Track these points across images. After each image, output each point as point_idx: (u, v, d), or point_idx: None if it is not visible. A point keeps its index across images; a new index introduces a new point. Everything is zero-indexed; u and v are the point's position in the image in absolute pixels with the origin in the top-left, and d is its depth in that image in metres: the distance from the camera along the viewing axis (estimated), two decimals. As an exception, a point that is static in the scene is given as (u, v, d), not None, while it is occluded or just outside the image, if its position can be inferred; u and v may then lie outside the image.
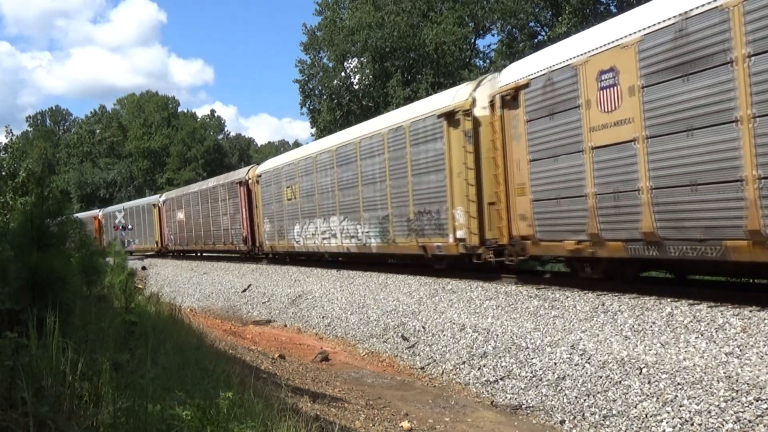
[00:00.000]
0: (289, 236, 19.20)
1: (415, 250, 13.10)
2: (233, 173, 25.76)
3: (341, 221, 15.92)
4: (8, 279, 3.85)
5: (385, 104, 30.37)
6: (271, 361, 8.83)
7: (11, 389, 2.87)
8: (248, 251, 23.02)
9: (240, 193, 22.84)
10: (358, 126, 16.97)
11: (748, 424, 5.22)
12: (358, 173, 15.06)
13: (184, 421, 3.15)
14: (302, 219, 18.15)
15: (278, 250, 20.48)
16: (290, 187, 18.93)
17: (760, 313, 6.61)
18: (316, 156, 17.31)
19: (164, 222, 32.37)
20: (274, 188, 20.28)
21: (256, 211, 21.90)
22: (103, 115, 77.66)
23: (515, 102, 10.18)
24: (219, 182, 25.66)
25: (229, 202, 23.95)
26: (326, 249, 17.11)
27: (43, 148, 71.79)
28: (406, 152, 13.11)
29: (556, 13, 27.25)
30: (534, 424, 6.79)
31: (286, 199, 19.19)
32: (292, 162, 19.05)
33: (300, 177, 18.28)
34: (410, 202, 13.01)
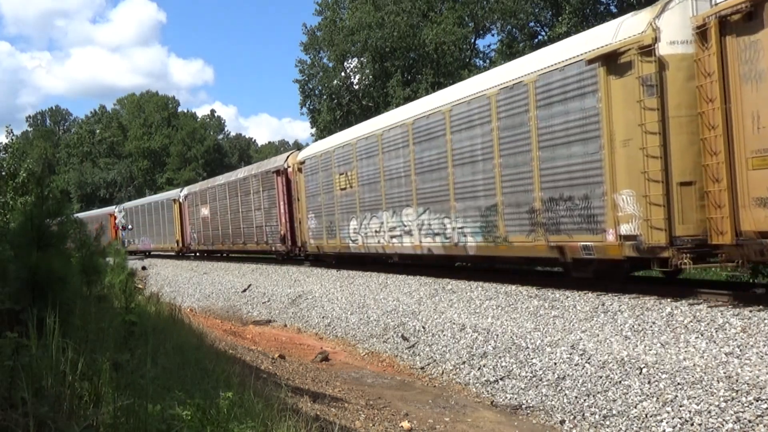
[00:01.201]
0: (342, 234, 15.96)
1: (543, 252, 9.74)
2: (268, 161, 22.59)
3: (419, 214, 12.66)
4: (8, 279, 3.85)
5: (385, 104, 30.36)
6: (271, 361, 8.83)
7: (11, 389, 2.87)
8: (287, 252, 19.86)
9: (277, 183, 19.77)
10: (445, 90, 13.36)
11: (748, 424, 5.22)
12: (446, 151, 11.66)
13: (184, 421, 3.15)
14: (361, 213, 14.94)
15: (327, 250, 17.13)
16: (344, 174, 15.65)
17: (760, 313, 6.61)
18: (381, 133, 13.95)
19: (186, 219, 29.24)
20: (321, 176, 17.04)
21: (297, 204, 18.74)
22: (103, 115, 77.67)
23: (754, 21, 6.77)
24: (251, 172, 22.40)
25: (263, 195, 20.83)
26: (396, 249, 13.75)
27: (43, 148, 71.78)
28: (528, 117, 9.67)
29: (556, 13, 27.23)
30: (534, 424, 6.79)
31: (339, 188, 16.01)
32: (348, 143, 15.64)
33: (359, 161, 14.98)
34: (535, 185, 9.61)
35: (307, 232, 18.16)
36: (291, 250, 19.52)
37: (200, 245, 27.91)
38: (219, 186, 25.44)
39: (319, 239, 17.41)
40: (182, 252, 30.20)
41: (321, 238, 17.24)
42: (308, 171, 17.99)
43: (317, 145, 18.58)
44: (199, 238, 27.86)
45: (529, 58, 10.61)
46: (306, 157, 18.28)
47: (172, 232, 30.76)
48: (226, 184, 24.62)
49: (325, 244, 17.01)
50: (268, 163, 21.73)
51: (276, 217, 20.01)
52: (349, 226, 15.69)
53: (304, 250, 18.67)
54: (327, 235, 16.88)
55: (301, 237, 18.69)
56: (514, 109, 10.04)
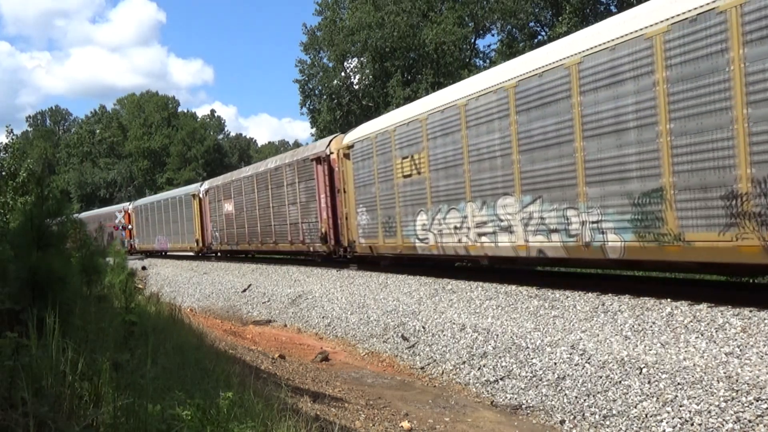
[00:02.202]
0: (405, 231, 13.14)
1: (752, 257, 6.77)
2: (304, 148, 19.67)
3: (524, 205, 9.86)
4: (8, 279, 3.85)
5: (385, 104, 30.39)
6: (271, 361, 8.83)
7: (11, 389, 2.87)
8: (329, 253, 17.02)
9: (317, 173, 17.03)
10: (566, 39, 9.81)
11: (748, 424, 5.22)
12: (572, 119, 8.74)
13: (184, 421, 3.16)
14: (433, 205, 12.10)
15: (383, 251, 14.27)
16: (409, 158, 12.80)
17: (760, 313, 6.61)
18: (465, 103, 11.05)
19: (207, 216, 26.45)
20: (377, 162, 14.14)
21: (342, 197, 15.86)
22: (103, 115, 77.73)
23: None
24: (284, 161, 19.60)
25: (300, 187, 18.19)
26: (486, 251, 10.87)
27: (43, 148, 71.82)
28: (728, 58, 6.77)
29: (556, 13, 27.26)
30: (534, 424, 6.79)
31: (401, 175, 13.18)
32: (414, 119, 12.70)
33: (430, 140, 12.08)
34: (740, 158, 6.72)
35: (355, 229, 15.21)
36: (334, 250, 16.65)
37: (223, 245, 25.07)
38: (245, 178, 22.45)
39: (371, 238, 14.53)
40: (202, 252, 27.55)
41: (375, 236, 14.39)
42: (358, 156, 14.97)
43: (370, 125, 15.41)
44: (221, 237, 25.00)
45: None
46: (355, 139, 15.17)
47: (191, 231, 27.94)
48: (253, 176, 21.70)
49: (381, 243, 14.15)
50: (305, 150, 18.80)
51: (315, 212, 17.34)
52: (414, 222, 12.78)
53: (351, 251, 15.68)
54: (384, 233, 13.99)
55: (347, 235, 15.71)
56: (705, 48, 6.98)
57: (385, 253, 14.31)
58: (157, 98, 75.52)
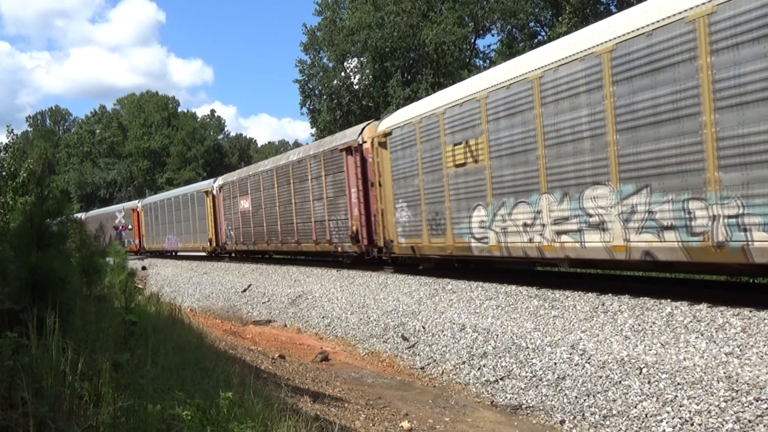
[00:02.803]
0: (457, 229, 11.47)
1: None
2: (332, 138, 17.67)
3: (624, 196, 8.16)
4: (8, 279, 3.85)
5: (385, 104, 30.39)
6: (271, 361, 8.83)
7: (11, 389, 2.87)
8: (361, 254, 15.44)
9: (347, 165, 15.45)
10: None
11: (748, 424, 5.22)
12: (697, 86, 7.09)
13: (184, 421, 3.16)
14: (496, 198, 10.40)
15: (427, 252, 12.64)
16: (463, 144, 11.10)
17: (760, 313, 6.61)
18: (539, 75, 9.26)
19: (221, 214, 24.93)
20: (422, 150, 12.35)
21: (377, 191, 14.24)
22: (103, 115, 77.75)
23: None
24: (308, 153, 18.02)
25: (327, 181, 16.61)
26: (567, 252, 9.18)
27: (43, 148, 71.83)
28: None
29: (556, 13, 27.26)
30: (534, 424, 6.79)
31: (452, 165, 11.43)
32: (470, 98, 10.89)
33: (491, 122, 10.32)
34: None
35: (393, 227, 13.59)
36: (367, 251, 15.01)
37: (238, 245, 23.43)
38: (264, 172, 20.81)
39: (414, 237, 12.90)
40: (216, 252, 26.02)
41: (417, 235, 12.75)
42: (397, 144, 13.31)
43: (412, 108, 13.62)
44: (236, 236, 23.38)
45: None
46: (393, 125, 13.50)
47: (204, 230, 26.37)
48: (273, 170, 20.11)
49: (426, 243, 12.48)
50: (333, 140, 16.97)
51: (344, 208, 15.72)
52: (469, 219, 11.10)
53: (389, 252, 14.05)
54: (429, 232, 12.30)
55: (383, 234, 14.04)
56: None
57: (431, 254, 12.59)
58: (157, 98, 75.53)
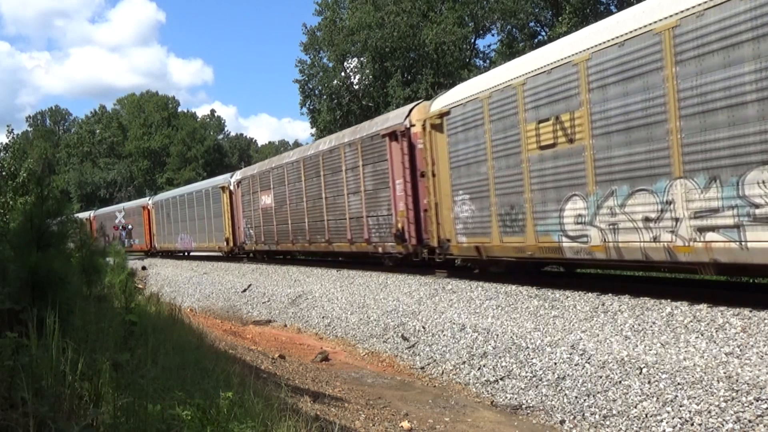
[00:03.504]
0: (541, 225, 9.54)
1: None
2: (371, 122, 15.60)
3: None
4: (8, 279, 3.85)
5: (385, 104, 30.39)
6: (271, 361, 8.83)
7: (11, 389, 2.87)
8: (407, 255, 13.66)
9: (390, 152, 13.63)
10: None
11: (748, 424, 5.22)
12: None
13: (184, 421, 3.16)
14: (601, 185, 8.41)
15: (498, 253, 10.62)
16: (552, 121, 9.11)
17: (760, 313, 6.61)
18: (674, 24, 7.27)
19: (239, 211, 23.26)
20: (492, 130, 10.37)
21: (430, 182, 12.21)
22: (103, 115, 77.75)
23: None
24: (342, 140, 16.01)
25: (365, 172, 14.70)
26: (719, 254, 7.07)
27: (43, 148, 71.82)
28: None
29: (556, 13, 27.26)
30: (534, 424, 6.79)
31: (536, 147, 9.48)
32: (563, 62, 8.90)
33: (596, 90, 8.34)
34: None
35: (451, 224, 11.65)
36: (415, 252, 13.23)
37: (258, 245, 21.58)
38: (289, 164, 19.02)
39: (479, 235, 10.94)
40: (233, 252, 24.33)
41: (484, 232, 10.79)
42: (457, 126, 11.32)
43: (477, 82, 11.55)
44: (256, 235, 21.59)
45: None
46: (453, 103, 11.48)
47: (220, 228, 24.72)
48: (300, 161, 18.21)
49: (495, 243, 10.54)
50: (373, 125, 14.86)
51: (387, 203, 13.88)
52: (561, 212, 9.17)
53: (444, 253, 12.15)
54: (501, 229, 10.38)
55: (437, 232, 12.13)
56: None
57: (503, 255, 10.56)
58: (157, 98, 75.52)
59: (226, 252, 24.78)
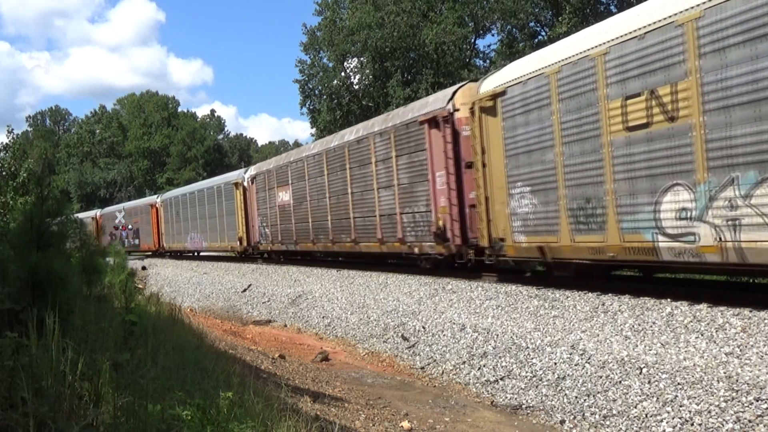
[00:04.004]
0: (628, 222, 8.05)
1: None
2: (406, 109, 14.25)
3: None
4: (8, 279, 3.85)
5: (385, 104, 30.39)
6: (271, 361, 8.84)
7: (11, 389, 2.87)
8: (449, 256, 12.17)
9: (430, 141, 12.20)
10: None
11: (748, 424, 5.22)
12: None
13: (184, 421, 3.16)
14: (714, 172, 6.94)
15: (568, 254, 9.18)
16: (645, 96, 7.68)
17: (760, 313, 6.61)
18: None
19: (253, 209, 22.09)
20: (562, 111, 8.95)
21: (480, 173, 10.79)
22: (103, 115, 77.76)
23: None
24: (372, 129, 14.65)
25: (399, 164, 13.36)
26: None
27: (43, 148, 71.83)
28: None
29: (556, 13, 27.26)
30: (534, 424, 6.79)
31: (621, 128, 8.01)
32: (665, 23, 7.41)
33: (709, 54, 6.90)
34: None
35: (506, 221, 10.26)
36: (459, 253, 11.74)
37: (275, 244, 20.35)
38: (311, 157, 17.67)
39: (543, 233, 9.56)
40: (247, 253, 23.19)
41: (551, 230, 9.37)
42: (516, 107, 9.89)
43: (541, 55, 9.92)
44: (273, 234, 20.32)
45: None
46: (510, 82, 10.05)
47: (233, 227, 23.55)
48: (323, 154, 16.86)
49: (565, 242, 9.10)
50: (408, 111, 13.60)
51: (425, 198, 12.51)
52: (656, 205, 7.66)
53: (496, 254, 10.66)
54: (573, 226, 8.93)
55: (487, 230, 10.70)
56: None
57: (574, 258, 9.15)
58: (157, 98, 75.52)
59: (239, 252, 23.62)
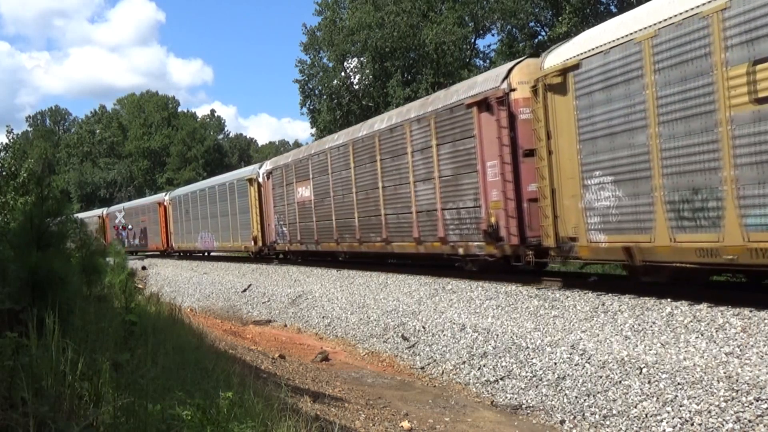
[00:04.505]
0: (755, 216, 6.58)
1: None
2: (452, 90, 12.47)
3: None
4: (8, 279, 3.85)
5: (385, 104, 30.39)
6: (271, 360, 8.84)
7: (11, 389, 2.87)
8: (502, 257, 10.70)
9: (480, 126, 10.67)
10: None
11: (748, 424, 5.22)
12: None
13: (184, 421, 3.16)
14: None
15: (665, 256, 7.74)
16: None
17: (760, 313, 6.61)
18: None
19: (269, 206, 20.82)
20: (659, 83, 7.56)
21: (545, 162, 9.39)
22: (103, 115, 77.75)
23: None
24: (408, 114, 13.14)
25: (440, 153, 11.79)
26: None
27: (43, 148, 71.82)
28: None
29: (556, 13, 27.25)
30: (534, 424, 6.79)
31: (746, 100, 6.55)
32: None
33: None
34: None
35: (579, 215, 8.79)
36: (515, 252, 10.29)
37: (293, 244, 19.15)
38: (335, 149, 16.21)
39: (628, 231, 8.16)
40: (262, 253, 21.95)
41: (641, 227, 7.96)
42: (593, 82, 8.50)
43: (623, 20, 8.43)
44: (291, 233, 19.03)
45: None
46: (584, 54, 8.66)
47: (247, 226, 22.31)
48: (349, 144, 15.35)
49: (662, 242, 7.65)
50: (453, 93, 11.95)
51: (473, 191, 10.98)
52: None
53: (566, 254, 9.20)
54: (674, 222, 7.50)
55: (554, 228, 9.21)
56: None
57: (675, 260, 7.70)
58: (157, 98, 75.51)
59: (253, 252, 22.38)
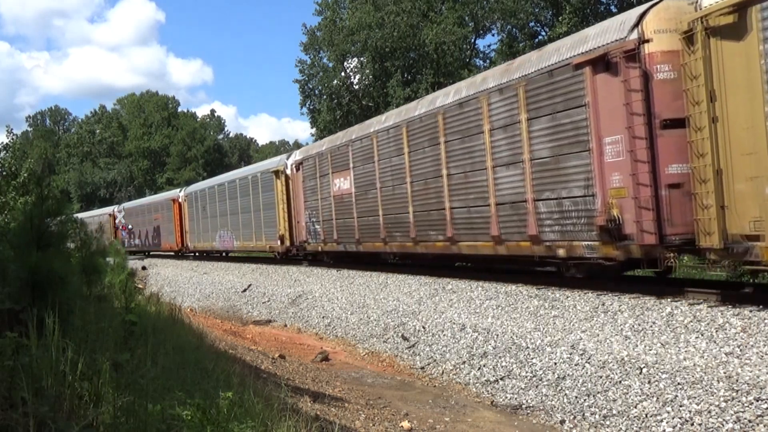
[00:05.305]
0: None
1: None
2: (542, 51, 10.13)
3: None
4: (8, 279, 3.85)
5: (385, 104, 30.39)
6: (271, 360, 8.83)
7: (11, 389, 2.87)
8: (625, 261, 8.59)
9: (595, 94, 8.39)
10: None
11: (748, 424, 5.22)
12: None
13: (184, 421, 3.16)
14: None
15: None
16: None
17: (760, 313, 6.61)
18: None
19: (299, 201, 18.30)
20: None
21: (704, 134, 7.03)
22: (103, 115, 77.74)
23: None
24: (486, 84, 10.74)
25: (532, 130, 9.53)
26: None
27: (43, 148, 71.78)
28: None
29: (557, 13, 27.26)
30: (534, 424, 6.79)
31: None
32: None
33: None
34: None
35: (763, 205, 6.56)
36: (647, 254, 8.10)
37: (328, 244, 16.70)
38: (382, 132, 13.92)
39: None
40: (290, 254, 19.59)
41: None
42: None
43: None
44: (326, 231, 16.64)
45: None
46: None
47: (272, 224, 20.04)
48: (402, 126, 13.10)
49: None
50: (549, 53, 9.62)
51: (584, 176, 8.72)
52: None
53: (738, 259, 7.21)
54: None
55: (719, 223, 6.98)
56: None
57: None
58: (156, 98, 75.49)
59: (280, 253, 20.01)
